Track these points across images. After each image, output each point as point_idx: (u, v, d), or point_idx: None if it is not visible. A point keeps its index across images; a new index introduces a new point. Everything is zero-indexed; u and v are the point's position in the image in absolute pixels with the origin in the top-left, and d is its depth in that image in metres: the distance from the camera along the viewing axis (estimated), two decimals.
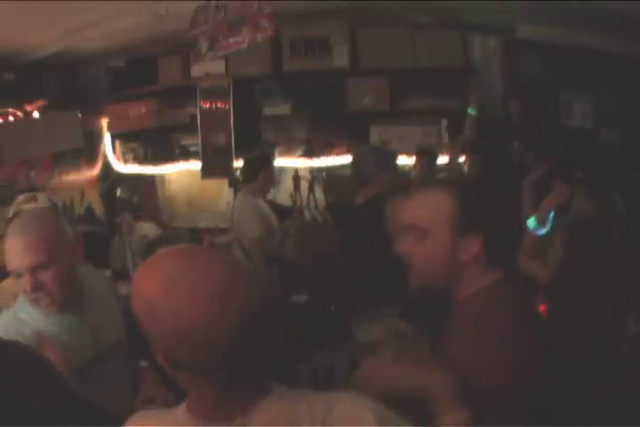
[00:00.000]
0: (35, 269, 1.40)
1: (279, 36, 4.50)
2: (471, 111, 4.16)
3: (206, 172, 4.84)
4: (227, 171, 4.72)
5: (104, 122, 5.10)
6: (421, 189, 1.25)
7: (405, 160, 4.25)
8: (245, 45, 2.95)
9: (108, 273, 3.24)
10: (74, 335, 1.49)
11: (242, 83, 4.70)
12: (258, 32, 2.82)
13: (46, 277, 1.42)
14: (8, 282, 1.61)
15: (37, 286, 1.40)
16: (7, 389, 0.76)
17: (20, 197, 1.67)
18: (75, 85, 4.87)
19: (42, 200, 1.77)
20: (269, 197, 4.30)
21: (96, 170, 5.11)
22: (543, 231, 2.16)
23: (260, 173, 3.75)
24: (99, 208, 4.93)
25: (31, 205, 1.64)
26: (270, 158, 3.99)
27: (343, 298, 2.72)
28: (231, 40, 2.99)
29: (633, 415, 1.77)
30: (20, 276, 1.40)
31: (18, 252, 1.39)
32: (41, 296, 1.43)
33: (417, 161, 4.17)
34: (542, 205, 2.23)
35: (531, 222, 2.11)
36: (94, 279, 1.72)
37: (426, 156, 4.17)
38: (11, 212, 1.65)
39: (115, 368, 1.60)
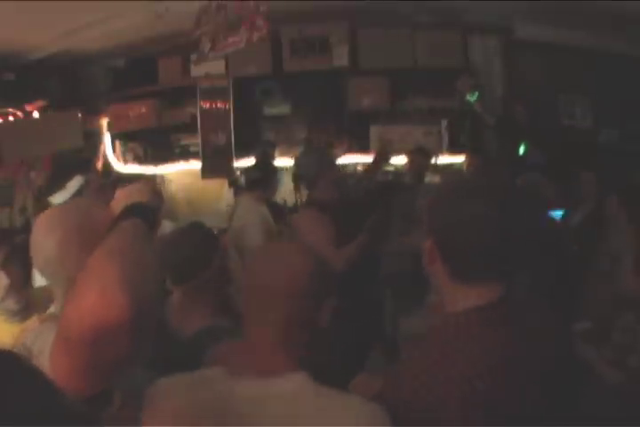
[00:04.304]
0: None
1: (279, 36, 4.51)
2: (470, 97, 4.14)
3: (206, 172, 4.85)
4: (227, 171, 4.72)
5: (104, 122, 5.10)
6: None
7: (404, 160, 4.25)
8: (242, 45, 2.95)
9: None
10: None
11: (242, 83, 4.70)
12: (254, 31, 2.82)
13: None
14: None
15: None
16: None
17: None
18: (75, 85, 4.87)
19: None
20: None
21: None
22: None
23: (264, 179, 3.73)
24: None
25: None
26: (272, 164, 3.98)
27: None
28: (230, 40, 2.99)
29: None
30: None
31: None
32: None
33: (410, 160, 4.17)
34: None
35: None
36: None
37: (419, 155, 4.16)
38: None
39: None
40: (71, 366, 0.92)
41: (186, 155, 5.00)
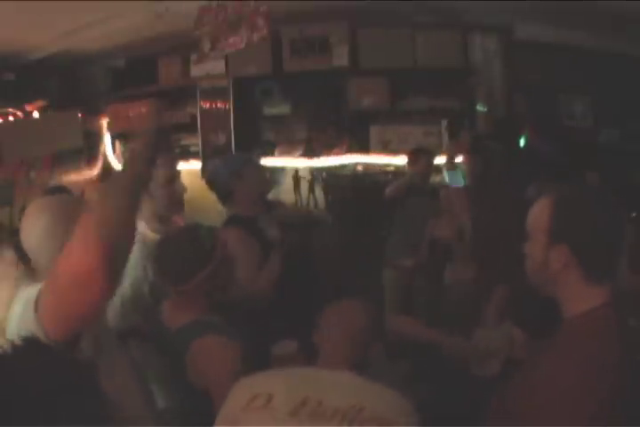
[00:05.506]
0: None
1: (279, 36, 4.51)
2: (480, 107, 4.18)
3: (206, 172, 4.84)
4: None
5: (104, 122, 5.10)
6: (546, 194, 1.29)
7: (405, 160, 4.25)
8: (243, 45, 2.94)
9: None
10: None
11: (242, 83, 4.70)
12: (254, 31, 2.82)
13: None
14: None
15: None
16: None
17: None
18: (75, 85, 4.87)
19: None
20: (270, 197, 4.29)
21: (96, 170, 5.11)
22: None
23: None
24: None
25: None
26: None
27: None
28: (230, 40, 2.99)
29: None
30: None
31: None
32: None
33: (412, 160, 4.16)
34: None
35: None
36: None
37: (421, 155, 4.16)
38: None
39: None
40: (56, 309, 1.11)
41: (186, 155, 4.99)
